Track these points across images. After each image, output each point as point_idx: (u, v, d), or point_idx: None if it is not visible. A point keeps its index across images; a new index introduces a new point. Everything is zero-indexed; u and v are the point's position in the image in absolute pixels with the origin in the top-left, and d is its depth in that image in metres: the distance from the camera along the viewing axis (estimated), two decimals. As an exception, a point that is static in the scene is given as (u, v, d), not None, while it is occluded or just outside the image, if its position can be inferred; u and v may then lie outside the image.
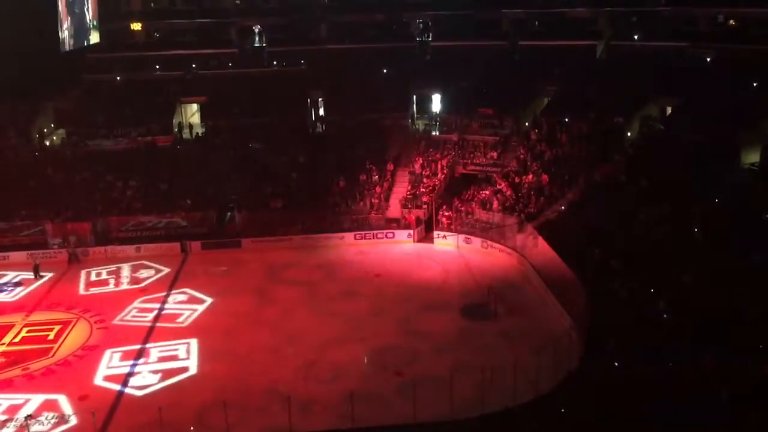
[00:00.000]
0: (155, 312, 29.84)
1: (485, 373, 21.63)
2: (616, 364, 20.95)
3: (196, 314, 29.59)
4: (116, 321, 29.07)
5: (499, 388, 21.56)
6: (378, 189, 39.85)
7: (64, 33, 42.12)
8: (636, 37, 47.63)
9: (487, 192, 37.80)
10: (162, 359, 25.74)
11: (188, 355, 25.94)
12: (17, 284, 33.23)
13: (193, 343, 26.82)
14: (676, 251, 26.01)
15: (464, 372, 22.30)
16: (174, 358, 25.81)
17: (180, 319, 29.13)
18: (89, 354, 26.28)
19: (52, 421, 21.93)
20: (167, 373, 24.73)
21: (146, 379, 24.45)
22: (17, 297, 31.96)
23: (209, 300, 30.80)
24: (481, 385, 21.37)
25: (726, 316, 21.09)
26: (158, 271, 34.46)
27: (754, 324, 20.57)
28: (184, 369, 25.02)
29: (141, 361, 25.68)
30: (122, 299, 31.15)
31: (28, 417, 21.83)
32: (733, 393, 17.87)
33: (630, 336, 21.86)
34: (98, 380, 24.48)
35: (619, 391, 19.28)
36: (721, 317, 21.11)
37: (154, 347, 26.63)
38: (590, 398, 19.67)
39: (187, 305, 30.44)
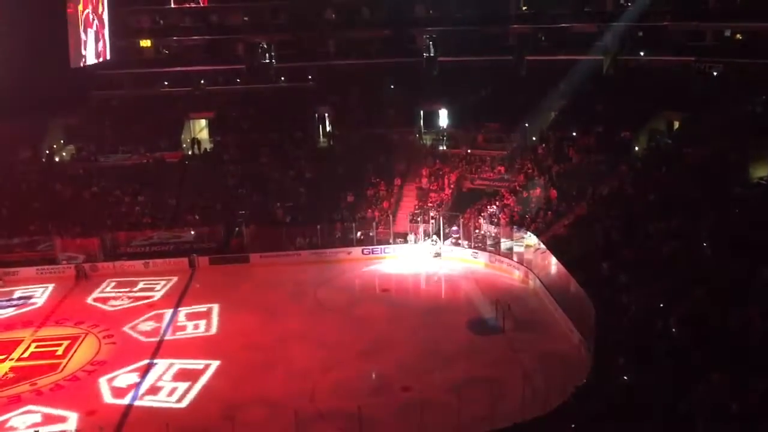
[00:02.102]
0: (164, 327, 29.84)
1: (494, 388, 21.55)
2: (625, 378, 20.81)
3: (204, 329, 29.60)
4: (124, 336, 29.11)
5: (508, 404, 21.47)
6: (385, 204, 39.91)
7: (78, 50, 42.55)
8: (642, 52, 47.72)
9: (495, 206, 37.85)
10: (170, 374, 25.69)
11: (196, 370, 25.87)
12: (26, 300, 33.27)
13: (201, 358, 26.77)
14: (685, 266, 25.89)
15: (472, 387, 22.20)
16: (182, 373, 25.75)
17: (188, 334, 29.17)
18: (98, 369, 26.27)
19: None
20: (175, 389, 24.67)
21: (154, 395, 24.40)
22: (25, 311, 32.08)
23: (218, 315, 30.81)
24: (490, 401, 21.27)
25: (736, 332, 20.95)
26: (166, 286, 34.52)
27: (765, 339, 20.40)
28: (192, 385, 24.93)
29: (149, 376, 25.64)
30: (130, 314, 31.19)
31: (36, 433, 21.87)
32: (742, 409, 17.70)
33: (639, 351, 21.73)
34: (106, 396, 24.42)
35: (629, 407, 19.14)
36: (731, 332, 20.97)
37: (162, 362, 26.59)
38: (600, 414, 19.53)
39: (195, 320, 30.44)
